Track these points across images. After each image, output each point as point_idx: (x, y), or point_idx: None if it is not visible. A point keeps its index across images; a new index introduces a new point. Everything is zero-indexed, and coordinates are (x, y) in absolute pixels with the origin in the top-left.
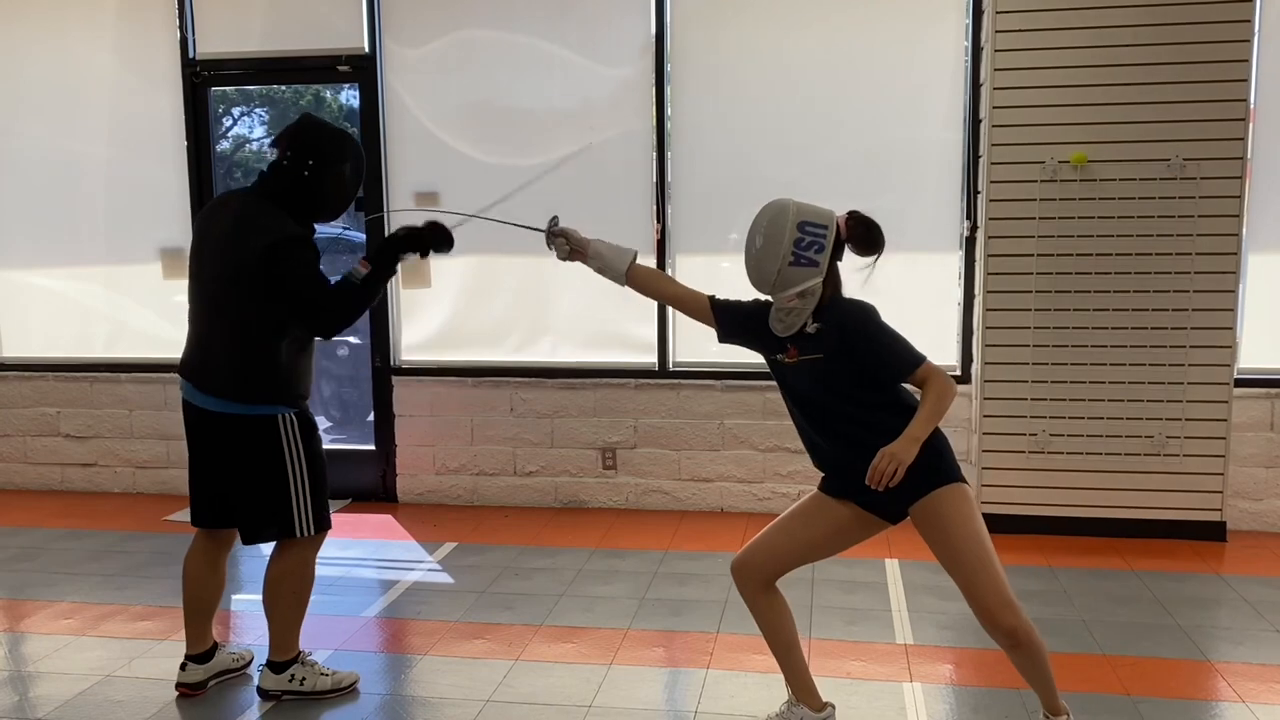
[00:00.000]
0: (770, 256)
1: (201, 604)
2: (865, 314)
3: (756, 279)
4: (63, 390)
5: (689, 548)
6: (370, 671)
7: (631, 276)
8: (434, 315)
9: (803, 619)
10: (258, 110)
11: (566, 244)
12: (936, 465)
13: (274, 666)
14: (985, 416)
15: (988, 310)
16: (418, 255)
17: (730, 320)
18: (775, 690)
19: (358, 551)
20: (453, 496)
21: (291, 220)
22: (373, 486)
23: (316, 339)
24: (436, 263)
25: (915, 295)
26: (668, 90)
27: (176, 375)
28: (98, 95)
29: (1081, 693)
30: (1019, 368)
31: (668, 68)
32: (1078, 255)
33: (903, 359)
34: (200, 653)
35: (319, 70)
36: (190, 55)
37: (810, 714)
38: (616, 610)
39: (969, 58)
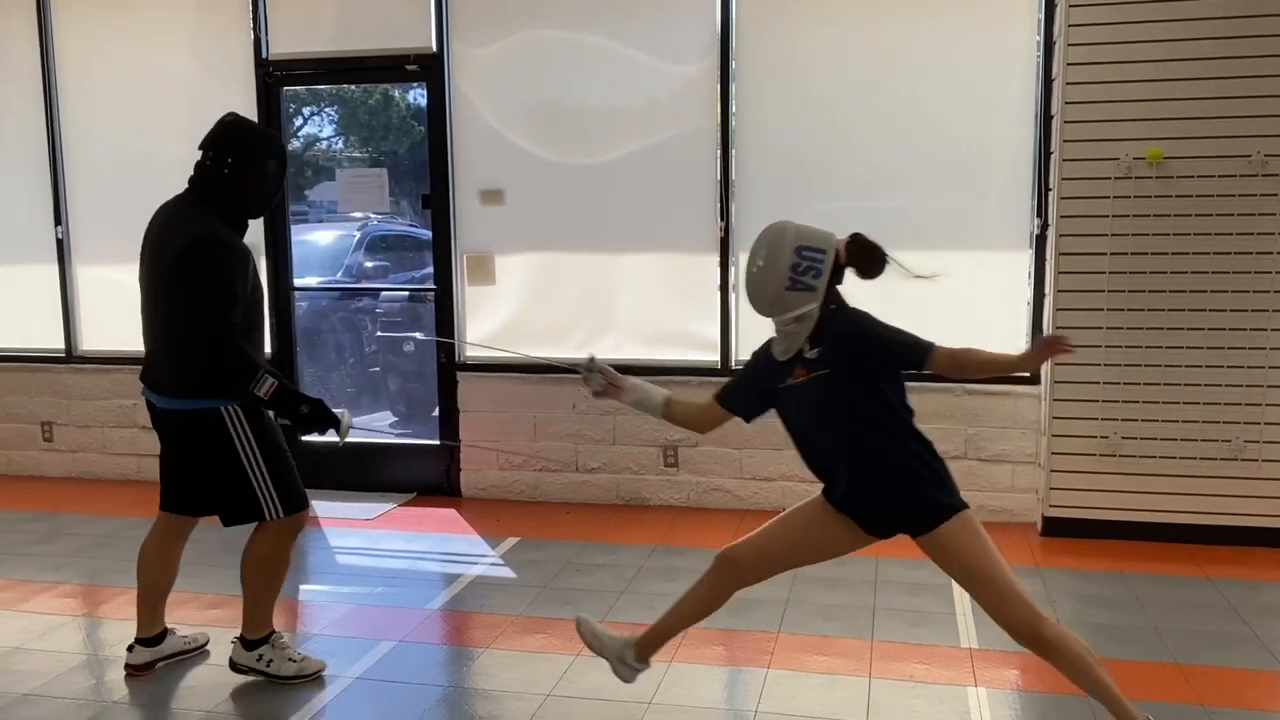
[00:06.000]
0: (768, 279)
1: (153, 587)
2: (865, 318)
3: (755, 300)
4: (139, 383)
5: None
6: (433, 663)
7: (668, 410)
8: (498, 312)
9: (865, 620)
10: (328, 109)
11: (603, 379)
12: (937, 500)
13: (245, 643)
14: (1055, 418)
15: (1058, 310)
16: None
17: (740, 399)
18: (837, 691)
19: (422, 545)
20: (515, 492)
21: (218, 219)
22: (437, 481)
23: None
24: (501, 260)
25: (984, 294)
26: (732, 88)
27: None
28: (174, 95)
29: (1152, 701)
30: (1090, 369)
31: (733, 65)
32: (1152, 254)
33: (914, 344)
34: (149, 636)
35: (387, 70)
36: (263, 55)
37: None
38: None
39: (1041, 52)
